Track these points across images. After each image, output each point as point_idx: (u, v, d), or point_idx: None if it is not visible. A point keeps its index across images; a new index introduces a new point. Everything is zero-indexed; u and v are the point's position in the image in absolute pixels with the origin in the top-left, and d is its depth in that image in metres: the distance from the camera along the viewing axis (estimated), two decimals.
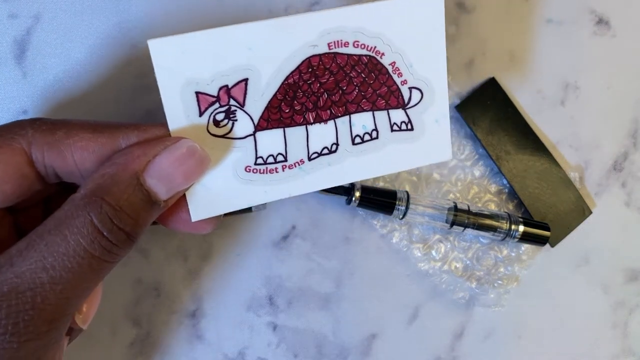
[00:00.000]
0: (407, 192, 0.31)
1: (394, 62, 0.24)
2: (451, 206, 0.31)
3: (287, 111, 0.23)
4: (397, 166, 0.25)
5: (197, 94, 0.22)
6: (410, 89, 0.25)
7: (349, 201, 0.31)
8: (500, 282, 0.33)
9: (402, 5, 0.23)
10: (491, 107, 0.33)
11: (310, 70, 0.23)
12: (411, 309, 0.33)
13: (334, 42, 0.23)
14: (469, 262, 0.34)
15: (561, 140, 0.34)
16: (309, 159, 0.24)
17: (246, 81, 0.22)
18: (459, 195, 0.34)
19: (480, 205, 0.34)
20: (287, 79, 0.23)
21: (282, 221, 0.32)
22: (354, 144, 0.24)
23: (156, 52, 0.21)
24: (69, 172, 0.22)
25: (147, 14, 0.30)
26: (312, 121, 0.24)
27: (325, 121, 0.24)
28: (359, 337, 0.33)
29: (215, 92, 0.22)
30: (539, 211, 0.33)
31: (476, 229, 0.31)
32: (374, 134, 0.25)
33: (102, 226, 0.19)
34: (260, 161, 0.23)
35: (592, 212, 0.34)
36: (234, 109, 0.22)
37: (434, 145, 0.25)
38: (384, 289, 0.33)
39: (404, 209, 0.31)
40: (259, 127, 0.23)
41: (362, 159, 0.25)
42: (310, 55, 0.23)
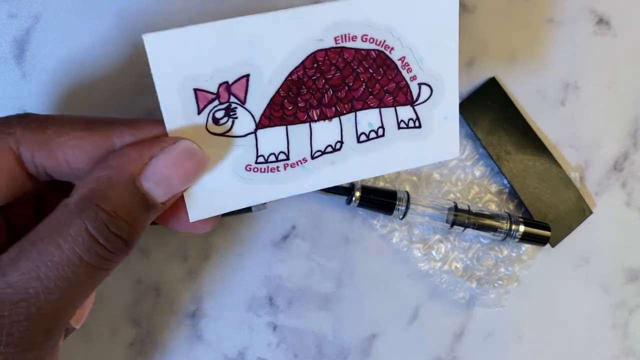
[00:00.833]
0: (407, 192, 0.31)
1: (404, 57, 0.23)
2: (451, 206, 0.31)
3: (290, 108, 0.22)
4: (402, 164, 0.25)
5: (196, 91, 0.21)
6: (419, 85, 0.24)
7: (349, 201, 0.31)
8: (500, 282, 0.33)
9: None
10: (491, 107, 0.33)
11: (315, 65, 0.22)
12: (411, 309, 0.33)
13: (342, 36, 0.22)
14: (469, 262, 0.33)
15: (561, 140, 0.34)
16: (312, 158, 0.23)
17: (247, 77, 0.21)
18: (459, 195, 0.34)
19: (480, 205, 0.34)
20: (290, 75, 0.22)
21: (282, 221, 0.32)
22: (359, 142, 0.24)
23: (152, 47, 0.20)
24: (60, 172, 0.21)
25: (147, 14, 0.30)
26: (316, 119, 0.23)
27: (329, 119, 0.23)
28: (359, 337, 0.33)
29: (214, 89, 0.21)
30: (539, 211, 0.33)
31: (476, 229, 0.31)
32: (380, 132, 0.24)
33: (98, 234, 0.18)
34: (261, 160, 0.22)
35: (592, 212, 0.34)
36: (234, 106, 0.21)
37: (441, 142, 0.25)
38: (384, 289, 0.33)
39: (404, 209, 0.31)
40: (260, 125, 0.22)
41: (367, 157, 0.24)
42: (315, 49, 0.22)
